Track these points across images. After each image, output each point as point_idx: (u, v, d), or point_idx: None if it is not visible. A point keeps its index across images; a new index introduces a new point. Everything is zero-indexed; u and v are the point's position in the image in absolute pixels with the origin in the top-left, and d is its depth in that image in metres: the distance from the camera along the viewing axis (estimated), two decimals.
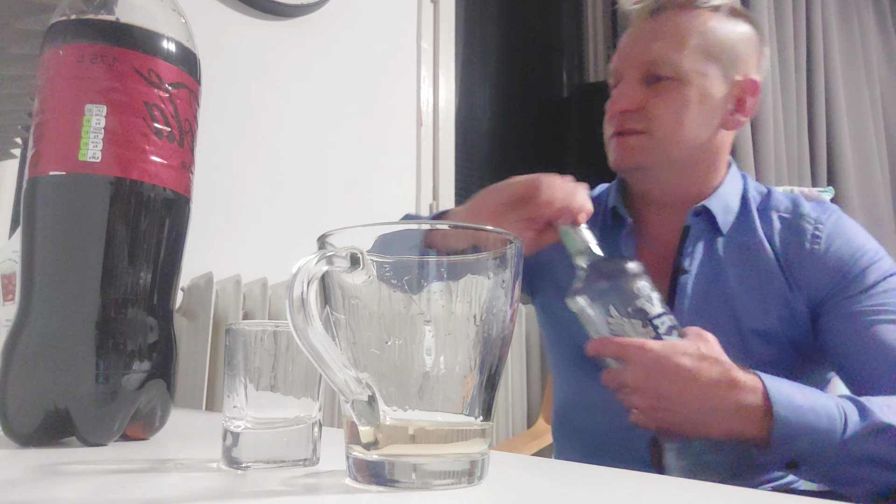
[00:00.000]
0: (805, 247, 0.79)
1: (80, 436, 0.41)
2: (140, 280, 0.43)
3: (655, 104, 0.80)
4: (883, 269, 0.77)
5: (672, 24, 0.81)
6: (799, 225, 0.81)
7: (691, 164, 0.83)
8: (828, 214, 0.82)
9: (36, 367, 0.40)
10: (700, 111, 0.81)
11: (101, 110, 0.41)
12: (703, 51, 0.81)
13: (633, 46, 0.83)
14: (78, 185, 0.41)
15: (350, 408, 0.30)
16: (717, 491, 0.33)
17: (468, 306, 0.31)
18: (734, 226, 0.83)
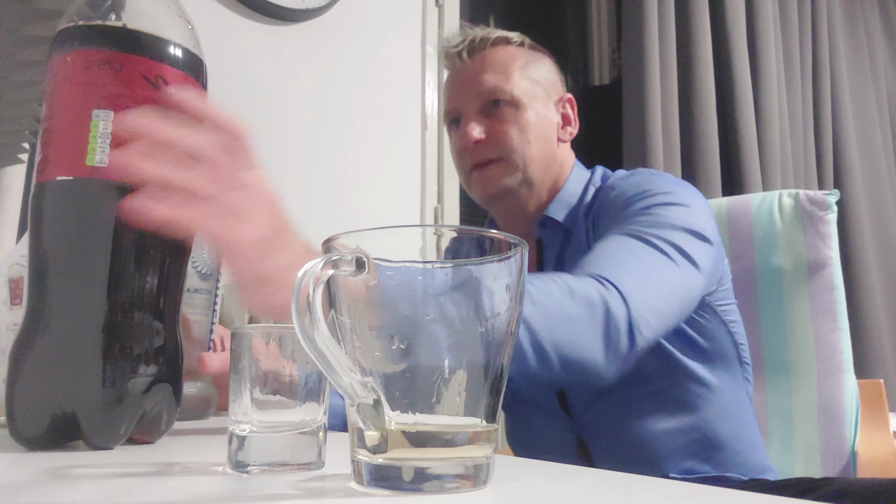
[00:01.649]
0: (601, 209, 0.84)
1: (86, 439, 0.41)
2: (147, 284, 0.43)
3: (502, 131, 0.87)
4: (650, 202, 0.78)
5: (492, 58, 0.90)
6: (603, 194, 0.86)
7: (543, 180, 0.90)
8: (631, 176, 0.87)
9: (43, 371, 0.41)
10: (540, 130, 0.89)
11: (108, 116, 0.42)
12: (526, 77, 0.90)
13: (466, 83, 0.90)
14: (85, 189, 0.42)
15: (355, 411, 0.30)
16: (721, 494, 0.33)
17: (473, 310, 0.31)
18: (573, 218, 0.88)
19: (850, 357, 1.04)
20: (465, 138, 0.88)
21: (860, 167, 2.35)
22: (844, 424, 1.00)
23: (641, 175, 0.86)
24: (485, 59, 0.90)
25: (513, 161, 0.87)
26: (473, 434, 0.31)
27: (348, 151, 1.71)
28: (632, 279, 0.66)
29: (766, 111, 2.10)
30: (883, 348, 2.14)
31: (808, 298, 1.06)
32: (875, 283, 2.20)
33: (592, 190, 0.89)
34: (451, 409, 0.31)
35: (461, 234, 0.33)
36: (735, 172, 2.00)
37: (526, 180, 0.88)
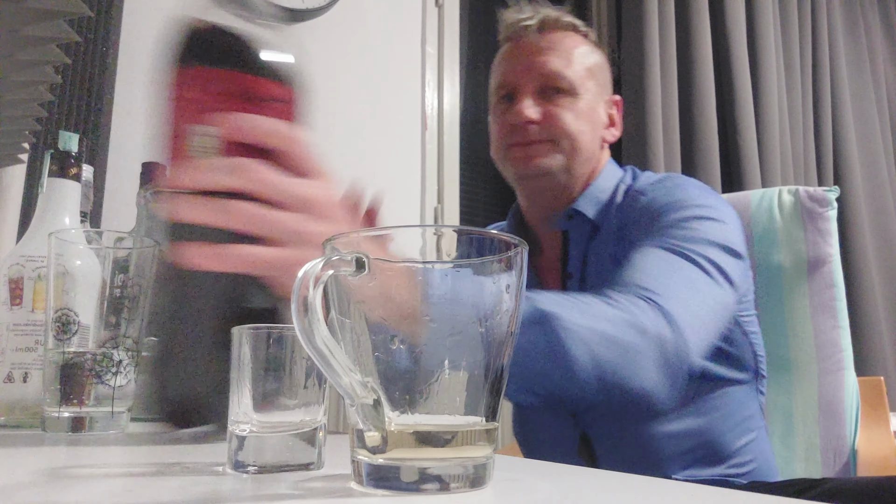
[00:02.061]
0: (631, 216, 0.84)
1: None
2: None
3: (557, 115, 0.85)
4: (684, 215, 0.78)
5: (559, 42, 0.88)
6: (633, 198, 0.86)
7: (581, 174, 0.89)
8: (662, 182, 0.86)
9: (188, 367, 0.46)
10: (590, 124, 0.88)
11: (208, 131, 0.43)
12: (586, 69, 0.89)
13: (528, 60, 0.88)
14: None
15: (355, 411, 0.30)
16: (721, 494, 0.33)
17: (473, 310, 0.31)
18: (604, 216, 0.87)
19: (850, 354, 1.04)
20: (519, 115, 0.86)
21: (860, 165, 2.35)
22: (845, 422, 1.00)
23: (672, 182, 0.85)
24: (552, 41, 0.88)
25: (560, 145, 0.86)
26: (473, 434, 0.31)
27: (348, 151, 1.71)
28: (679, 302, 0.66)
29: (766, 110, 2.10)
30: (883, 346, 2.14)
31: (808, 296, 1.06)
32: (875, 280, 2.20)
33: (623, 189, 0.88)
34: (451, 409, 0.31)
35: (465, 235, 0.32)
36: (735, 171, 2.00)
37: (567, 167, 0.86)
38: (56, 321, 0.54)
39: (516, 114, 0.86)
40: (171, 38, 0.46)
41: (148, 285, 0.58)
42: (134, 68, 1.42)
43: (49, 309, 0.54)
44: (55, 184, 0.63)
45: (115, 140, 1.33)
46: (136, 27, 1.43)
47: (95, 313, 0.55)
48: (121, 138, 1.35)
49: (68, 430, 0.52)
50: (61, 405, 0.52)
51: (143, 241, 0.59)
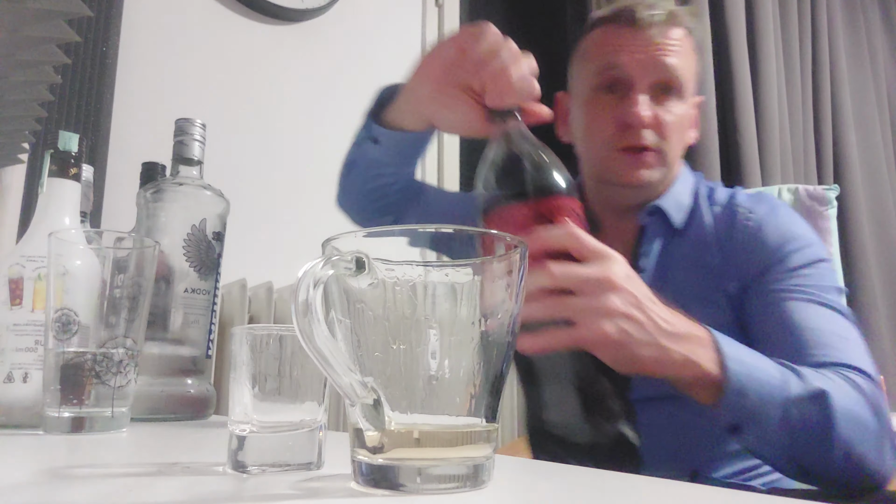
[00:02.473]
0: (737, 237, 0.81)
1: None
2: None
3: (667, 123, 0.81)
4: (809, 254, 0.78)
5: (681, 41, 0.83)
6: (733, 215, 0.83)
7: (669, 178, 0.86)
8: (762, 204, 0.84)
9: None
10: (686, 128, 0.85)
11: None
12: (692, 71, 0.85)
13: (650, 52, 0.81)
14: None
15: (355, 412, 0.30)
16: (720, 494, 0.33)
17: (473, 310, 0.31)
18: (687, 221, 0.85)
19: None
20: (636, 117, 0.80)
21: (860, 164, 2.35)
22: None
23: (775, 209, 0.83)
24: (676, 38, 0.83)
25: (665, 155, 0.82)
26: (473, 434, 0.31)
27: None
28: (871, 370, 0.69)
29: (766, 109, 2.09)
30: (882, 344, 2.14)
31: None
32: (875, 279, 2.20)
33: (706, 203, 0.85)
34: (451, 410, 0.31)
35: (465, 235, 0.32)
36: (734, 169, 2.00)
37: (663, 177, 0.84)
38: (56, 321, 0.54)
39: (633, 114, 0.80)
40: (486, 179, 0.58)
41: (148, 285, 0.58)
42: (134, 68, 1.42)
43: (49, 309, 0.54)
44: (55, 184, 0.63)
45: (115, 140, 1.33)
46: (136, 27, 1.43)
47: (95, 313, 0.55)
48: (121, 138, 1.35)
49: (68, 430, 0.52)
50: (61, 405, 0.52)
51: (143, 241, 0.59)
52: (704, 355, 0.59)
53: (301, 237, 1.55)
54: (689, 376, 0.59)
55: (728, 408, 0.59)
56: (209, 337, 0.71)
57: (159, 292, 0.68)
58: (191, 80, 1.51)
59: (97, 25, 1.32)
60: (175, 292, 0.69)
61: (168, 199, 0.70)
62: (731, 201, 0.85)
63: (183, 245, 0.69)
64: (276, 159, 1.60)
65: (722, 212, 0.84)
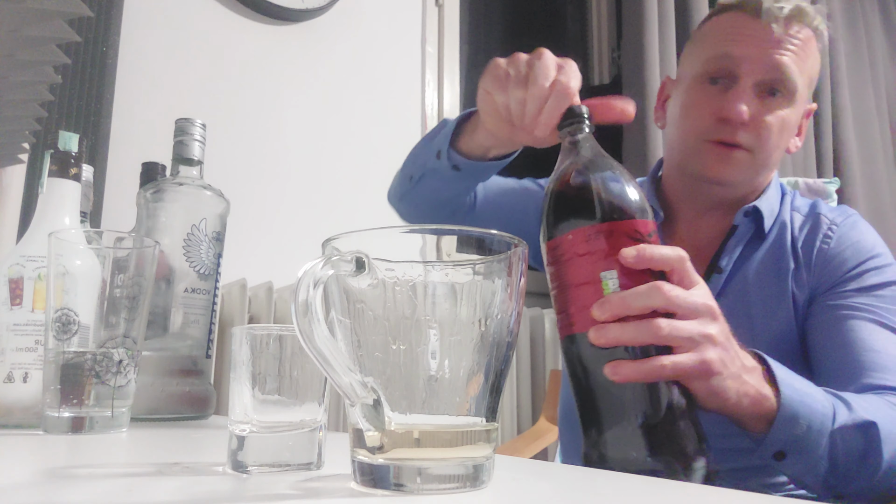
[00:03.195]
0: (818, 246, 0.80)
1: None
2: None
3: (767, 125, 0.78)
4: (885, 275, 0.77)
5: (800, 40, 0.79)
6: (816, 224, 0.82)
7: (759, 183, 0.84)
8: (844, 217, 0.82)
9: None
10: (788, 135, 0.81)
11: (613, 274, 0.51)
12: (809, 75, 0.81)
13: (764, 48, 0.78)
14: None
15: (355, 412, 0.30)
16: (720, 495, 0.33)
17: (473, 310, 0.31)
18: (776, 229, 0.83)
19: None
20: (737, 113, 0.76)
21: (858, 162, 2.35)
22: None
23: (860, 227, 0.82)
24: (796, 36, 0.78)
25: (758, 158, 0.79)
26: (473, 434, 0.31)
27: (348, 151, 1.71)
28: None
29: None
30: None
31: None
32: None
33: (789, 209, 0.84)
34: (451, 410, 0.31)
35: (465, 235, 0.32)
36: None
37: (751, 180, 0.82)
38: (56, 321, 0.54)
39: (733, 108, 0.76)
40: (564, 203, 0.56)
41: (148, 285, 0.58)
42: (134, 68, 1.42)
43: (49, 309, 0.54)
44: (55, 184, 0.63)
45: (115, 140, 1.33)
46: (136, 27, 1.43)
47: (95, 313, 0.55)
48: (121, 138, 1.35)
49: (68, 430, 0.52)
50: (61, 405, 0.52)
51: (143, 241, 0.59)
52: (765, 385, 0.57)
53: (301, 237, 1.55)
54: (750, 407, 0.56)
55: (778, 435, 0.58)
56: (209, 337, 0.71)
57: (159, 292, 0.68)
58: (191, 80, 1.51)
59: (97, 25, 1.32)
60: (175, 292, 0.69)
61: (168, 199, 0.70)
62: (814, 211, 0.84)
63: (183, 245, 0.69)
64: (276, 159, 1.60)
65: (804, 220, 0.83)
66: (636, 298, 0.51)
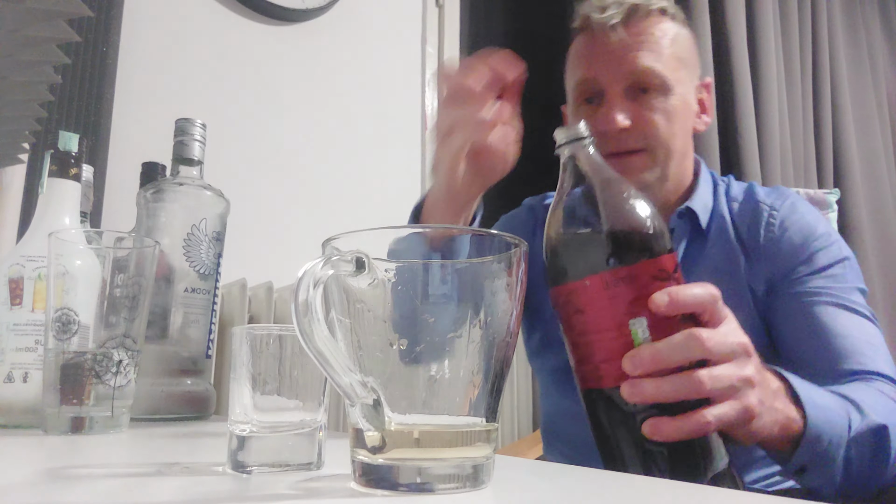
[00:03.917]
0: (763, 235, 0.80)
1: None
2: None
3: (650, 120, 0.78)
4: (833, 254, 0.77)
5: (648, 32, 0.80)
6: (756, 212, 0.82)
7: (676, 174, 0.83)
8: (782, 200, 0.83)
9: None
10: (683, 120, 0.81)
11: (643, 322, 0.47)
12: (677, 58, 0.81)
13: (615, 58, 0.80)
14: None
15: (355, 412, 0.30)
16: (720, 494, 0.33)
17: (473, 310, 0.31)
18: (709, 221, 0.83)
19: None
20: (609, 123, 0.77)
21: (860, 167, 2.35)
22: None
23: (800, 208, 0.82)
24: (640, 34, 0.79)
25: (655, 154, 0.79)
26: (473, 434, 0.31)
27: (348, 151, 1.71)
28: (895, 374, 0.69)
29: (766, 110, 2.10)
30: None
31: None
32: (875, 281, 2.20)
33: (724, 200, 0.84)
34: (451, 410, 0.31)
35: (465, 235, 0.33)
36: (735, 172, 2.00)
37: (663, 175, 0.81)
38: (56, 321, 0.54)
39: (607, 121, 0.78)
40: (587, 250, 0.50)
41: (148, 285, 0.58)
42: (134, 68, 1.42)
43: (49, 309, 0.54)
44: (55, 184, 0.63)
45: (115, 140, 1.33)
46: (136, 27, 1.43)
47: (95, 313, 0.55)
48: (121, 138, 1.35)
49: (68, 430, 0.52)
50: (61, 405, 0.52)
51: (143, 241, 0.59)
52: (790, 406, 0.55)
53: (301, 237, 1.55)
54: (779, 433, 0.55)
55: (803, 455, 0.56)
56: (209, 337, 0.71)
57: (159, 292, 0.68)
58: (191, 80, 1.51)
59: (97, 25, 1.32)
60: (175, 292, 0.69)
61: (168, 199, 0.70)
62: (752, 197, 0.83)
63: (183, 245, 0.69)
64: (276, 159, 1.60)
65: (741, 208, 0.83)
66: (673, 352, 0.47)
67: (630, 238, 0.48)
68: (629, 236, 0.48)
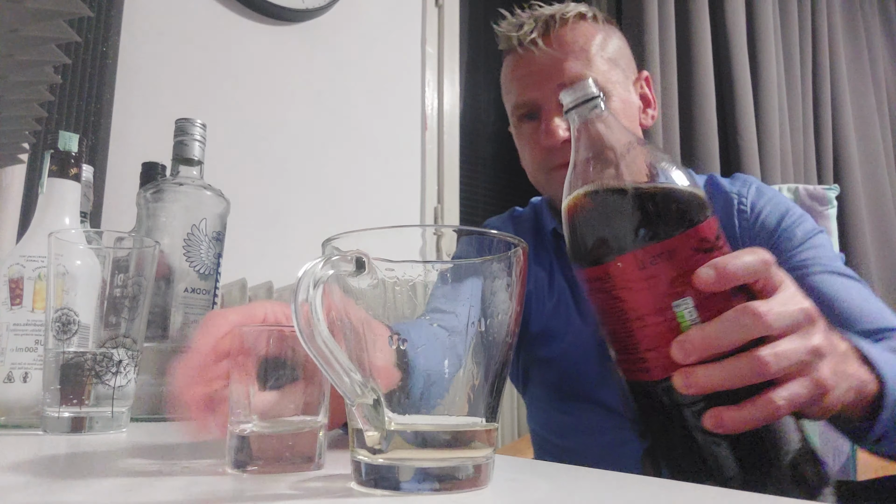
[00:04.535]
0: (735, 222, 0.80)
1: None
2: None
3: None
4: (808, 226, 0.78)
5: (570, 40, 0.79)
6: (725, 201, 0.81)
7: None
8: (747, 186, 0.83)
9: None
10: (628, 120, 0.80)
11: (688, 302, 0.41)
12: (607, 60, 0.80)
13: (544, 73, 0.78)
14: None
15: (355, 411, 0.30)
16: (721, 494, 0.33)
17: (473, 310, 0.31)
18: None
19: None
20: (552, 137, 0.77)
21: (860, 164, 2.35)
22: None
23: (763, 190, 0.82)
24: (563, 44, 0.78)
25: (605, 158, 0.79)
26: (473, 434, 0.31)
27: (348, 151, 1.71)
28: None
29: (766, 110, 2.10)
30: None
31: None
32: (875, 279, 2.20)
33: None
34: (451, 410, 0.31)
35: (465, 235, 0.32)
36: (735, 170, 2.01)
37: None
38: (56, 321, 0.54)
39: (549, 135, 0.77)
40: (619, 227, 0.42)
41: (148, 285, 0.58)
42: (134, 68, 1.42)
43: (49, 309, 0.54)
44: (55, 184, 0.63)
45: (115, 140, 1.33)
46: (136, 27, 1.43)
47: (95, 313, 0.55)
48: (121, 138, 1.35)
49: (68, 430, 0.52)
50: (61, 405, 0.52)
51: (143, 241, 0.59)
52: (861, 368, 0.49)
53: (301, 237, 1.55)
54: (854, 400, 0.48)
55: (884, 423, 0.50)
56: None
57: (159, 292, 0.68)
58: (191, 80, 1.51)
59: (97, 25, 1.32)
60: (175, 292, 0.69)
61: (168, 199, 0.70)
62: (717, 189, 0.83)
63: (183, 245, 0.69)
64: (276, 159, 1.60)
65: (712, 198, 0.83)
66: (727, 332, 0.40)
67: (662, 208, 0.41)
68: (661, 206, 0.41)
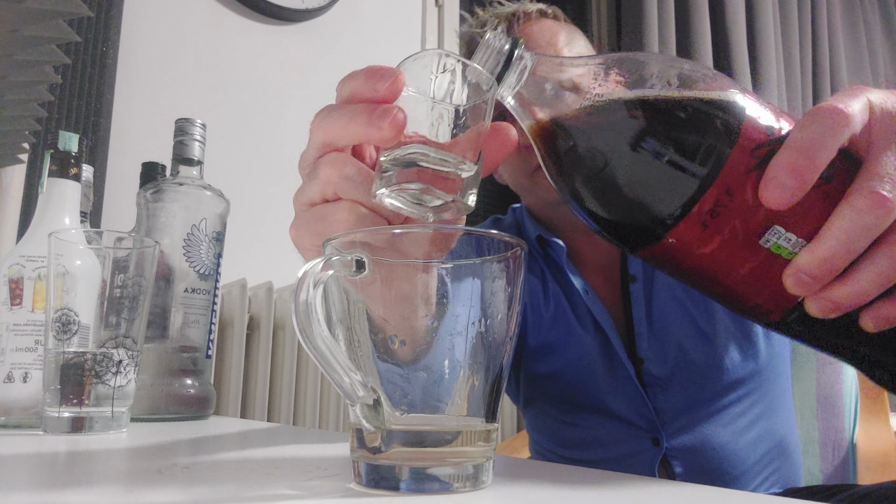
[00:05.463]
0: None
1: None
2: None
3: None
4: None
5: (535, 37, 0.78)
6: None
7: None
8: None
9: None
10: None
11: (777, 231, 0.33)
12: (574, 52, 0.79)
13: None
14: None
15: (355, 412, 0.30)
16: (721, 495, 0.33)
17: (473, 310, 0.31)
18: None
19: None
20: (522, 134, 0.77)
21: None
22: (843, 415, 1.00)
23: None
24: (528, 39, 0.78)
25: None
26: (473, 434, 0.31)
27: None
28: None
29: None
30: None
31: None
32: None
33: None
34: (451, 409, 0.31)
35: (465, 235, 0.32)
36: None
37: None
38: (56, 321, 0.54)
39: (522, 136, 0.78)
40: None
41: (148, 285, 0.58)
42: (134, 68, 1.42)
43: (49, 309, 0.54)
44: (55, 184, 0.63)
45: (115, 140, 1.33)
46: (136, 27, 1.43)
47: (95, 313, 0.55)
48: (121, 138, 1.35)
49: (68, 430, 0.52)
50: (61, 405, 0.52)
51: (143, 241, 0.59)
52: None
53: None
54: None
55: None
56: (209, 337, 0.71)
57: (159, 292, 0.68)
58: (191, 80, 1.51)
59: (97, 25, 1.32)
60: (175, 292, 0.69)
61: (168, 199, 0.70)
62: None
63: (183, 245, 0.69)
64: (276, 159, 1.60)
65: None
66: (847, 241, 0.31)
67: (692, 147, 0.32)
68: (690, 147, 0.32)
